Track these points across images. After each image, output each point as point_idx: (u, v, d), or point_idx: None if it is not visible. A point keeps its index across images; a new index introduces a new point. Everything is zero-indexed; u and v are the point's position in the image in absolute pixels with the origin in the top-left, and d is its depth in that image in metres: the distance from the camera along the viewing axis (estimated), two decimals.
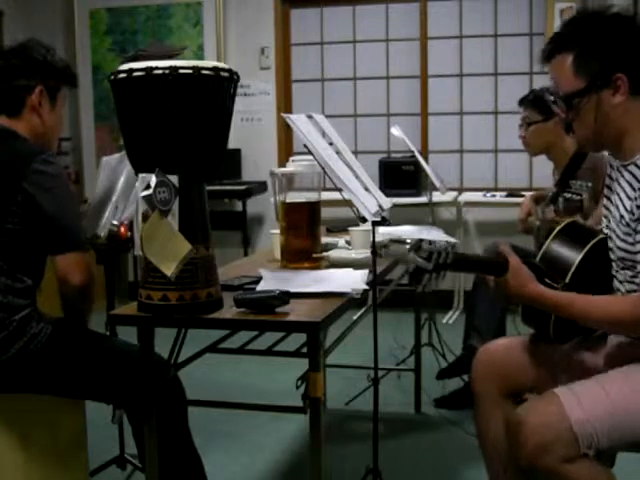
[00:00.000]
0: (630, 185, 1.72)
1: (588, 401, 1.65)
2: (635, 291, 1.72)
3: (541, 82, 3.53)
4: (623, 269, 1.77)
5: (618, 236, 1.75)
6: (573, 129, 1.77)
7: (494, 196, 5.17)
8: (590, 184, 2.89)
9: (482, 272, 1.87)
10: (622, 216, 1.73)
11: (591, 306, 1.72)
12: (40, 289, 2.08)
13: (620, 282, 1.80)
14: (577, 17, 1.77)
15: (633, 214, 1.68)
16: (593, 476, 1.64)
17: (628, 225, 1.70)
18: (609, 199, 1.85)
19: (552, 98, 1.77)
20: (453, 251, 1.70)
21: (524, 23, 5.36)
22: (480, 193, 5.29)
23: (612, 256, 1.82)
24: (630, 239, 1.70)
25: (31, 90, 2.08)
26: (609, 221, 1.82)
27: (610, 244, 1.82)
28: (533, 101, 3.15)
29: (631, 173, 1.72)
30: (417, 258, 1.69)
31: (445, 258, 1.69)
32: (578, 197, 2.90)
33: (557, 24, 5.13)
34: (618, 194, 1.78)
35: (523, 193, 4.83)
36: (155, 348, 1.89)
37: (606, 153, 1.90)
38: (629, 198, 1.71)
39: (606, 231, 1.85)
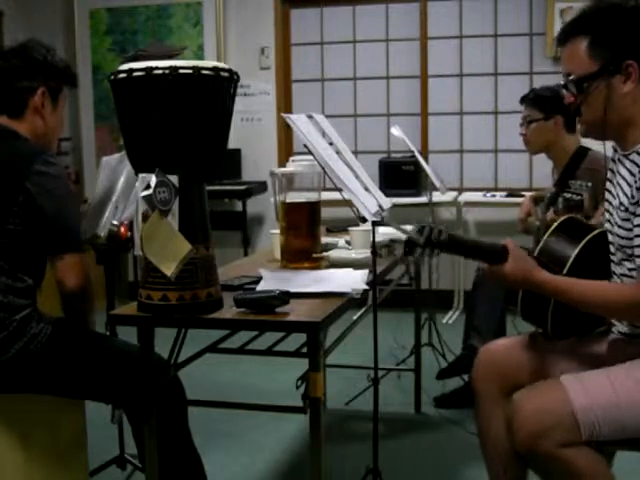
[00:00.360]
0: (630, 172, 1.73)
1: (593, 389, 1.67)
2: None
3: (541, 82, 3.53)
4: (623, 260, 1.77)
5: (616, 223, 1.76)
6: (580, 113, 1.78)
7: (494, 196, 5.17)
8: (590, 184, 2.89)
9: (478, 257, 1.86)
10: (621, 203, 1.74)
11: (589, 291, 1.73)
12: (40, 289, 2.08)
13: (618, 276, 1.81)
14: (596, 5, 1.78)
15: (633, 197, 1.68)
16: (591, 463, 1.65)
17: (627, 210, 1.71)
18: (610, 192, 1.85)
19: (562, 82, 1.78)
20: (447, 231, 1.69)
21: (524, 23, 5.36)
22: (480, 193, 5.29)
23: (612, 248, 1.82)
24: (628, 224, 1.70)
25: (33, 91, 2.07)
26: (610, 214, 1.83)
27: (610, 237, 1.82)
28: (534, 99, 3.16)
29: (632, 161, 1.74)
30: (408, 231, 1.69)
31: (438, 235, 1.68)
32: (578, 197, 2.90)
33: (557, 24, 5.14)
34: (619, 183, 1.79)
35: (523, 193, 4.83)
36: (155, 348, 1.89)
37: (609, 150, 1.90)
38: (629, 185, 1.72)
39: (607, 225, 1.86)
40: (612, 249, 1.82)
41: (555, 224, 1.91)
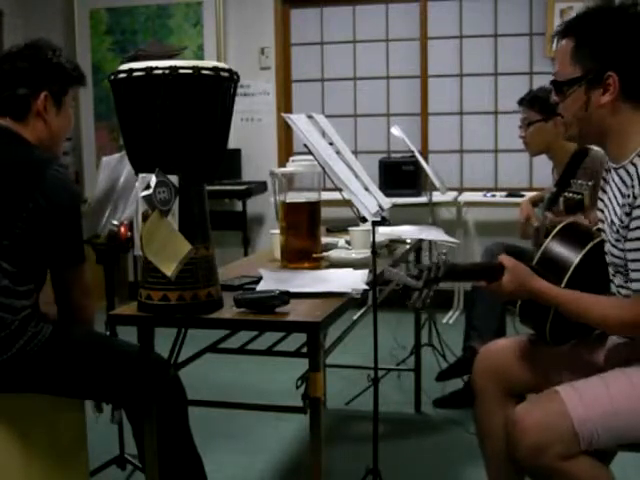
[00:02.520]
0: (620, 191, 1.72)
1: (590, 399, 1.66)
2: (629, 296, 1.71)
3: (541, 82, 3.53)
4: (617, 273, 1.77)
5: (609, 241, 1.75)
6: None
7: (494, 196, 5.17)
8: (591, 182, 2.89)
9: (475, 279, 1.86)
10: (613, 222, 1.73)
11: (586, 306, 1.72)
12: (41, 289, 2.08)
13: (617, 286, 1.80)
14: (586, 8, 1.74)
15: (622, 222, 1.67)
16: (593, 473, 1.65)
17: (618, 232, 1.69)
18: (603, 202, 1.84)
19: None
20: (445, 264, 1.67)
21: (524, 23, 5.36)
22: (480, 193, 5.29)
23: (608, 259, 1.81)
24: (620, 245, 1.69)
25: (36, 95, 2.05)
26: (605, 224, 1.82)
27: (605, 248, 1.82)
28: (532, 101, 3.16)
29: (621, 178, 1.72)
30: (406, 278, 1.65)
31: (436, 272, 1.66)
32: (579, 196, 2.90)
33: (557, 24, 5.13)
34: (610, 199, 1.78)
35: (523, 193, 4.83)
36: (155, 348, 1.89)
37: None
38: (619, 205, 1.71)
39: (602, 235, 1.85)
40: (608, 259, 1.81)
41: (556, 229, 1.90)
